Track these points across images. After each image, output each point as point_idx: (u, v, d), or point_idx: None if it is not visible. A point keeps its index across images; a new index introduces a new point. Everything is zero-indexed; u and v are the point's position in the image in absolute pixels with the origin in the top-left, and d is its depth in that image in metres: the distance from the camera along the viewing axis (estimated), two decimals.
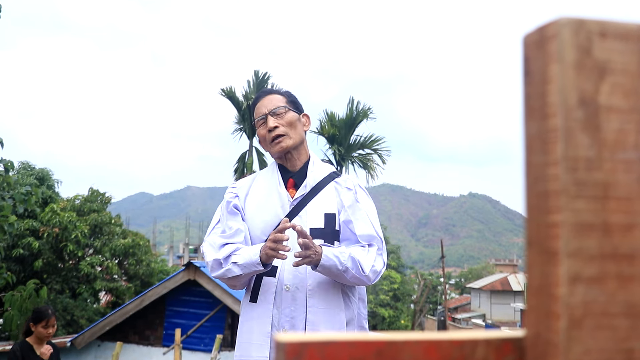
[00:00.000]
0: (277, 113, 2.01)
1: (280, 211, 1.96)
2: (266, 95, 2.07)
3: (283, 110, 2.02)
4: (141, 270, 15.02)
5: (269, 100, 2.05)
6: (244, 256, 1.86)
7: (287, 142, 1.99)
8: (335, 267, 1.80)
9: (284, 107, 2.03)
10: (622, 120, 0.40)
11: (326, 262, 1.79)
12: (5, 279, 7.59)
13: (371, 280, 1.88)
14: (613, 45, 0.40)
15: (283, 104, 2.04)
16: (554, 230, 0.39)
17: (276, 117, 2.00)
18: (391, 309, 25.04)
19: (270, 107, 2.02)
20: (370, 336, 0.40)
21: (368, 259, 1.87)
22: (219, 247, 1.94)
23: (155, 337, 9.78)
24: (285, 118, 2.01)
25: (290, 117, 2.02)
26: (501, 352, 0.42)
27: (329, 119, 16.82)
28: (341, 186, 2.02)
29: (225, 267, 1.89)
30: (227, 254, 1.90)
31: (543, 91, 0.40)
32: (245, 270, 1.86)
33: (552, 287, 0.39)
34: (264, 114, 2.02)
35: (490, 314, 34.47)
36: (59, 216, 13.08)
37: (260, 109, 2.04)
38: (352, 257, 1.82)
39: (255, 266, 1.84)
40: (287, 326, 1.84)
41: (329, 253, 1.79)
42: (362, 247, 1.90)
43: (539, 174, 0.41)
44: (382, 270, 1.92)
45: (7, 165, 6.12)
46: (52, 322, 4.18)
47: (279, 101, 2.04)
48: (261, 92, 2.12)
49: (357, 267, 1.82)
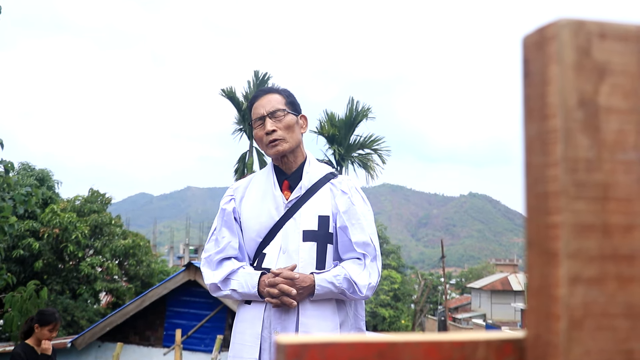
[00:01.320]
0: (276, 116, 1.98)
1: (275, 213, 1.96)
2: (265, 95, 2.03)
3: (282, 114, 1.99)
4: (141, 271, 15.02)
5: (268, 100, 2.01)
6: (242, 283, 1.90)
7: (284, 146, 1.98)
8: (331, 292, 1.84)
9: (283, 110, 2.00)
10: (622, 121, 0.40)
11: (320, 290, 1.83)
12: (6, 280, 7.59)
13: (369, 297, 1.91)
14: (612, 46, 0.40)
15: (282, 105, 2.01)
16: (554, 231, 0.39)
17: (274, 119, 1.98)
18: (391, 309, 25.03)
19: (269, 108, 1.99)
20: (371, 337, 0.40)
21: (363, 277, 1.88)
22: (215, 265, 1.97)
23: (156, 338, 9.78)
24: (283, 122, 1.98)
25: (288, 120, 1.99)
26: (502, 353, 0.42)
27: (329, 119, 16.82)
28: (337, 188, 2.00)
29: (224, 291, 1.93)
30: (223, 277, 1.93)
31: (543, 92, 0.40)
32: (244, 297, 1.92)
33: (552, 288, 0.39)
34: (262, 115, 1.99)
35: (490, 314, 34.47)
36: (59, 217, 13.09)
37: (258, 109, 2.01)
38: (346, 279, 1.85)
39: (254, 297, 1.90)
40: (278, 328, 1.84)
41: (322, 282, 1.82)
42: (357, 261, 1.91)
43: (538, 175, 0.41)
44: (377, 282, 1.94)
45: (7, 166, 6.12)
46: (58, 327, 4.21)
47: (278, 102, 2.01)
48: (260, 90, 2.09)
49: (353, 287, 1.86)
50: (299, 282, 1.81)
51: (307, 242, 1.90)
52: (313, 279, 1.83)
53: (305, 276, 1.83)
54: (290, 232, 1.93)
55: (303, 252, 1.89)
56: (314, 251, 1.90)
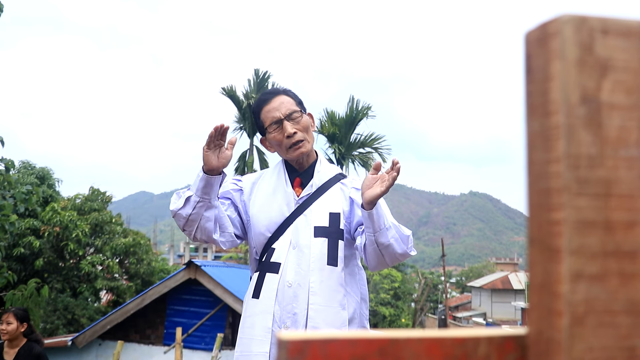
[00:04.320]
0: (293, 117, 1.97)
1: (285, 209, 1.97)
2: (275, 97, 2.01)
3: (298, 115, 1.98)
4: (142, 269, 15.03)
5: (280, 102, 1.99)
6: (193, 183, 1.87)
7: (307, 147, 1.99)
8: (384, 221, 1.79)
9: (299, 111, 2.00)
10: (624, 118, 0.40)
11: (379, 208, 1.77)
12: (6, 278, 7.59)
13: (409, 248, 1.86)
14: (615, 42, 0.40)
15: (295, 107, 2.01)
16: (556, 228, 0.39)
17: (292, 121, 1.97)
18: (392, 308, 25.04)
19: (284, 111, 1.97)
20: (373, 334, 0.40)
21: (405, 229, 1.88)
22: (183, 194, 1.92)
23: (156, 336, 9.79)
24: (301, 123, 1.98)
25: (305, 121, 2.00)
26: (503, 349, 0.42)
27: (329, 117, 16.81)
28: (347, 187, 2.02)
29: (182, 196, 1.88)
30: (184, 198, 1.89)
31: (545, 88, 0.40)
32: (194, 187, 1.85)
33: (554, 284, 0.39)
34: (279, 119, 1.97)
35: (491, 313, 34.48)
36: (60, 215, 13.09)
37: (272, 112, 1.98)
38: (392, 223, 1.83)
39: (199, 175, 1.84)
40: (288, 323, 1.85)
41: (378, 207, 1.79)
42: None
43: (540, 171, 0.41)
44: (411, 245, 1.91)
45: (8, 165, 6.12)
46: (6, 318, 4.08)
47: (291, 104, 2.00)
48: (266, 93, 2.07)
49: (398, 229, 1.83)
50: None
51: (318, 237, 1.90)
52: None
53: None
54: (301, 227, 1.93)
55: (314, 248, 1.89)
56: (325, 247, 1.89)
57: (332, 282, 1.88)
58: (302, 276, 1.87)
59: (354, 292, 1.95)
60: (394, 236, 1.81)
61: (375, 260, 1.85)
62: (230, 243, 2.01)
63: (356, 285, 1.98)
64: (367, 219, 1.78)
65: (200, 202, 1.84)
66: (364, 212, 1.79)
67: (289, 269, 1.89)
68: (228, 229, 1.97)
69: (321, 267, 1.87)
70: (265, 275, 1.92)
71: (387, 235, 1.79)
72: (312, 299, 1.85)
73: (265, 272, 1.92)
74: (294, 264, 1.89)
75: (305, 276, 1.87)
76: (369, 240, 1.81)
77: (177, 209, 1.87)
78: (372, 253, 1.83)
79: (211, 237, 1.93)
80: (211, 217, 1.89)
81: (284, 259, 1.90)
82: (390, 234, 1.80)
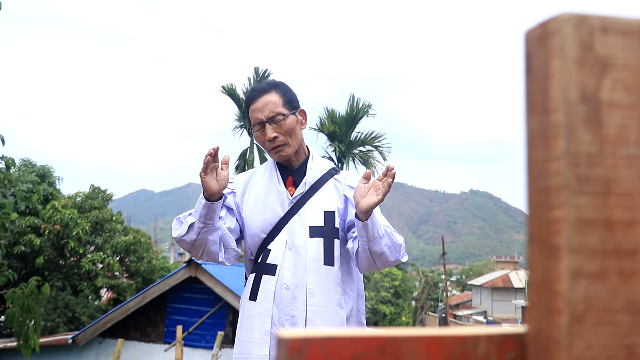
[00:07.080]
0: (275, 120, 1.92)
1: (279, 209, 1.95)
2: (261, 96, 1.95)
3: (281, 118, 1.92)
4: (142, 267, 15.03)
5: (265, 103, 1.93)
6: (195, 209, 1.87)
7: (287, 151, 1.95)
8: (378, 230, 1.80)
9: (282, 114, 1.93)
10: (624, 116, 0.40)
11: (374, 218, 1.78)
12: (7, 276, 7.60)
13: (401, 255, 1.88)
14: (615, 40, 0.40)
15: (280, 108, 1.93)
16: (555, 226, 0.39)
17: (275, 124, 1.92)
18: (392, 306, 25.04)
19: (267, 113, 1.92)
20: (372, 332, 0.40)
21: (397, 236, 1.89)
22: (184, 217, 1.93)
23: (157, 334, 9.80)
24: (284, 126, 1.93)
25: (289, 123, 1.94)
26: (503, 348, 0.42)
27: (330, 116, 16.81)
28: (341, 184, 2.00)
29: (183, 222, 1.88)
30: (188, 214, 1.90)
31: (545, 87, 0.40)
32: (196, 214, 1.85)
33: (553, 282, 0.39)
34: (261, 120, 1.93)
35: (491, 311, 34.49)
36: (60, 213, 13.10)
37: (256, 113, 1.94)
38: (385, 230, 1.84)
39: (201, 202, 1.83)
40: (287, 325, 1.84)
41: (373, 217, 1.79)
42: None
43: (540, 169, 0.41)
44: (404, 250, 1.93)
45: (8, 163, 6.12)
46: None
47: (275, 105, 1.93)
48: (254, 90, 2.00)
49: (391, 237, 1.84)
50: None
51: (314, 238, 1.89)
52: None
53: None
54: (296, 228, 1.92)
55: (311, 248, 1.88)
56: (321, 247, 1.89)
57: (330, 282, 1.87)
58: (299, 278, 1.86)
59: (350, 289, 1.95)
60: (387, 244, 1.83)
61: (367, 266, 1.87)
62: (234, 258, 2.02)
63: (352, 282, 1.97)
64: (361, 228, 1.78)
65: (204, 228, 1.85)
66: (358, 223, 1.78)
67: (286, 270, 1.88)
68: (231, 245, 1.97)
69: (318, 268, 1.86)
70: (262, 277, 1.90)
71: (380, 244, 1.80)
72: (310, 301, 1.84)
73: (262, 274, 1.90)
74: (291, 266, 1.87)
75: (302, 277, 1.86)
76: (362, 248, 1.82)
77: (181, 235, 1.87)
78: (364, 260, 1.84)
79: (217, 259, 1.95)
80: (216, 240, 1.90)
81: (280, 260, 1.89)
82: (384, 242, 1.81)
